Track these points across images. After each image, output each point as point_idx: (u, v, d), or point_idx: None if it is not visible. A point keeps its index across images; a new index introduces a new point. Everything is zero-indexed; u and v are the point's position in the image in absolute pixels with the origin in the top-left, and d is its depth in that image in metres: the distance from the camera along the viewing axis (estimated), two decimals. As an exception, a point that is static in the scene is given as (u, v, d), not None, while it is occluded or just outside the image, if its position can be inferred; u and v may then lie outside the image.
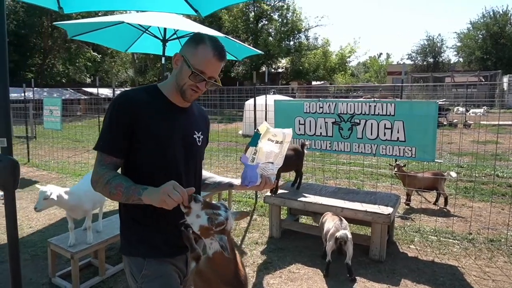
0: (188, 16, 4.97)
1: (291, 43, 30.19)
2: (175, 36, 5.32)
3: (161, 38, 5.13)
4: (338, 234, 3.04)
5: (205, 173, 1.77)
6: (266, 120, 7.08)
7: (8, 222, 1.57)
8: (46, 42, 24.81)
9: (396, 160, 5.13)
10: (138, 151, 1.42)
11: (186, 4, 2.59)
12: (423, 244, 3.92)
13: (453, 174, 4.99)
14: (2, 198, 5.37)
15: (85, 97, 20.65)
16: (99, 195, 3.16)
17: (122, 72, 36.44)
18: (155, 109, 1.42)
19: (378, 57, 58.06)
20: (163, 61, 5.36)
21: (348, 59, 31.84)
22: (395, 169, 5.02)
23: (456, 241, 3.98)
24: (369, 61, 55.83)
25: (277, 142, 1.54)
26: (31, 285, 3.07)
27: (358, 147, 4.33)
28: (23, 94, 9.40)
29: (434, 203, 5.13)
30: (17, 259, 1.61)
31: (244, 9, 28.20)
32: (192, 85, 1.39)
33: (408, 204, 5.09)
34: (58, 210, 4.68)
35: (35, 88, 12.76)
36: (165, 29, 4.93)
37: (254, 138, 1.50)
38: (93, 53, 26.89)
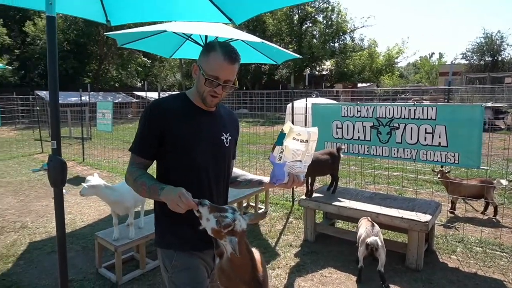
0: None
1: (336, 45, 29.74)
2: (216, 41, 5.52)
3: (202, 44, 5.35)
4: (368, 240, 3.00)
5: (237, 171, 1.88)
6: (305, 123, 7.10)
7: (57, 215, 1.77)
8: (101, 49, 26.53)
9: (442, 166, 4.91)
10: (169, 153, 1.55)
11: (221, 14, 2.72)
12: (466, 255, 3.73)
13: (504, 182, 4.69)
14: (64, 194, 5.90)
15: (136, 100, 21.81)
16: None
17: (170, 76, 37.98)
18: (183, 114, 1.54)
19: (430, 57, 55.38)
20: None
21: (395, 60, 30.61)
22: (438, 175, 4.82)
23: (504, 253, 3.74)
24: (419, 61, 53.37)
25: (302, 140, 1.58)
26: (80, 273, 3.35)
27: (397, 152, 4.23)
28: (80, 98, 10.16)
29: (482, 212, 4.84)
30: (63, 247, 1.79)
31: (288, 12, 28.20)
32: (209, 91, 1.50)
33: (452, 213, 4.85)
34: (107, 206, 5.03)
35: (91, 92, 13.74)
36: (206, 36, 5.13)
37: (280, 138, 1.57)
38: (143, 59, 28.31)
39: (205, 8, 2.69)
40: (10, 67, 18.22)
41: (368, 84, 31.91)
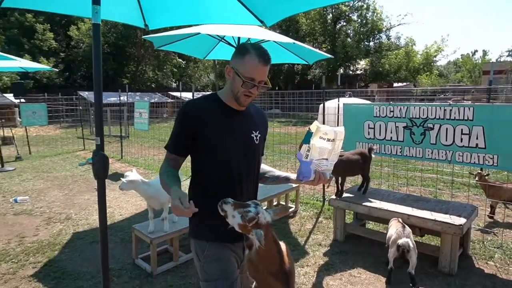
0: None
1: (371, 43, 29.06)
2: (248, 43, 5.62)
3: (235, 45, 5.47)
4: (400, 242, 2.97)
5: (265, 167, 1.95)
6: (338, 123, 7.05)
7: (99, 205, 1.92)
8: (139, 51, 27.54)
9: (481, 169, 4.72)
10: (201, 151, 1.65)
11: (253, 16, 2.80)
12: (504, 261, 3.59)
13: (548, 186, 4.44)
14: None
15: (171, 100, 22.46)
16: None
17: (204, 77, 38.70)
18: (215, 114, 1.63)
19: (473, 55, 52.65)
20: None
21: (434, 59, 29.44)
22: (476, 178, 4.64)
23: (546, 261, 3.56)
24: (461, 59, 50.96)
25: (328, 140, 1.63)
26: (118, 263, 3.56)
27: (432, 153, 4.13)
28: (118, 98, 10.63)
29: (524, 218, 4.62)
30: (105, 235, 1.95)
31: (322, 11, 27.91)
32: (244, 91, 1.59)
33: (491, 217, 4.66)
34: (143, 201, 5.27)
35: (129, 93, 14.33)
36: (238, 37, 5.24)
37: (307, 136, 1.63)
38: (179, 60, 29.07)
39: (237, 11, 2.78)
40: (56, 69, 19.35)
41: (405, 83, 30.92)
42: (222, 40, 5.48)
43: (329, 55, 5.88)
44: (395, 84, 31.40)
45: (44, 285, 3.15)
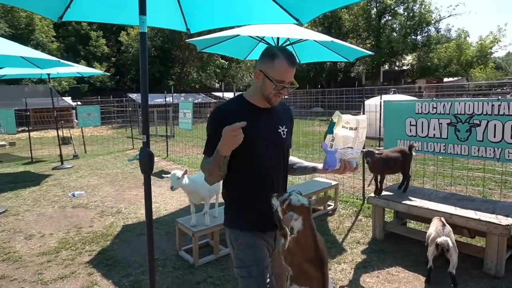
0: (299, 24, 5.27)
1: (418, 37, 27.81)
2: (288, 42, 5.70)
3: (275, 45, 5.56)
4: (438, 240, 2.90)
5: (293, 159, 2.05)
6: (380, 121, 6.90)
7: (146, 197, 2.10)
8: (184, 53, 28.49)
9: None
10: (234, 150, 1.76)
11: (288, 15, 2.87)
12: (560, 265, 3.36)
13: None
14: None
15: (214, 100, 23.02)
16: (216, 185, 3.71)
17: (247, 77, 39.17)
18: (241, 114, 1.73)
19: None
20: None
21: (489, 51, 27.52)
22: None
23: None
24: (521, 50, 47.12)
25: (351, 128, 1.69)
26: (163, 254, 3.79)
27: (478, 150, 3.95)
28: (164, 99, 11.13)
29: None
30: (151, 224, 2.12)
31: (366, 6, 27.16)
32: (276, 93, 1.69)
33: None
34: (187, 197, 5.53)
35: (174, 94, 14.92)
36: (277, 38, 5.33)
37: (330, 126, 1.70)
38: (221, 61, 29.69)
39: (273, 11, 2.87)
40: (108, 74, 20.63)
41: (456, 78, 29.27)
42: (262, 40, 5.60)
43: (369, 52, 5.79)
44: (445, 79, 29.82)
45: (98, 271, 3.45)
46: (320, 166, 1.84)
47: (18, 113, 9.30)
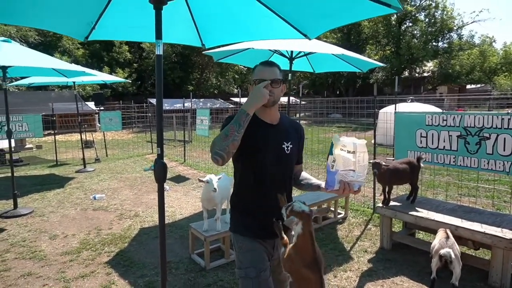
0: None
1: (439, 44, 27.38)
2: (302, 53, 5.85)
3: (288, 57, 5.73)
4: (441, 252, 2.97)
5: (304, 175, 2.19)
6: (395, 131, 6.93)
7: (159, 204, 2.28)
8: (203, 59, 28.98)
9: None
10: (241, 157, 1.93)
11: (296, 31, 3.04)
12: None
13: None
14: (166, 190, 6.84)
15: (232, 106, 23.35)
16: (227, 192, 3.89)
17: (265, 82, 39.48)
18: (250, 129, 1.90)
19: None
20: (289, 77, 5.94)
21: (514, 57, 26.82)
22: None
23: None
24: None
25: (348, 151, 1.77)
26: (177, 257, 3.98)
27: (488, 163, 3.98)
28: (183, 105, 11.43)
29: None
30: (163, 231, 2.30)
31: (385, 12, 26.96)
32: None
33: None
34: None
35: (193, 99, 15.26)
36: (291, 51, 5.50)
37: (331, 148, 1.81)
38: (240, 67, 30.03)
39: (282, 27, 3.03)
40: (129, 80, 21.25)
41: (479, 85, 28.60)
42: (276, 52, 5.77)
43: (381, 64, 5.87)
44: (468, 86, 29.19)
45: (115, 271, 3.67)
46: (324, 184, 1.96)
47: (45, 118, 9.77)
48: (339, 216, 5.14)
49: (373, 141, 5.24)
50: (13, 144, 12.27)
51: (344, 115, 19.97)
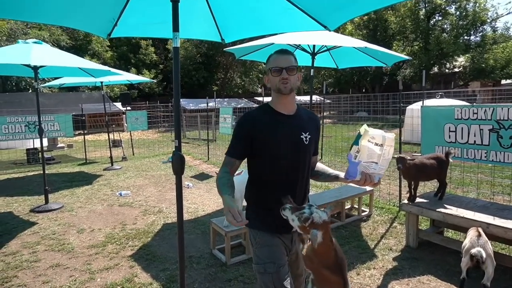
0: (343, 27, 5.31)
1: (471, 37, 26.23)
2: (324, 48, 5.76)
3: (311, 52, 5.65)
4: (472, 251, 2.82)
5: (320, 166, 2.14)
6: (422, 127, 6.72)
7: (177, 195, 2.30)
8: (227, 59, 29.17)
9: None
10: (257, 152, 1.91)
11: (316, 23, 2.97)
12: None
13: None
14: (187, 187, 6.90)
15: (256, 105, 23.36)
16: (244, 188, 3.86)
17: (289, 81, 39.27)
18: (266, 120, 1.88)
19: None
20: (311, 73, 5.86)
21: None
22: None
23: None
24: None
25: (376, 144, 1.73)
26: (199, 252, 4.01)
27: (523, 158, 3.76)
28: (207, 104, 11.54)
29: None
30: (181, 223, 2.32)
31: (413, 7, 26.16)
32: (279, 80, 1.84)
33: None
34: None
35: (217, 99, 15.38)
36: (313, 45, 5.41)
37: (357, 138, 1.76)
38: (264, 66, 30.03)
39: (302, 19, 2.98)
40: (154, 81, 21.70)
41: (515, 80, 27.19)
42: (298, 47, 5.71)
43: (406, 57, 5.68)
44: (503, 81, 27.84)
45: (138, 265, 3.73)
46: (342, 174, 1.91)
47: (75, 118, 10.14)
48: (363, 213, 5.02)
49: (402, 138, 5.13)
50: (46, 143, 12.88)
51: (370, 113, 19.57)
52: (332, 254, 1.80)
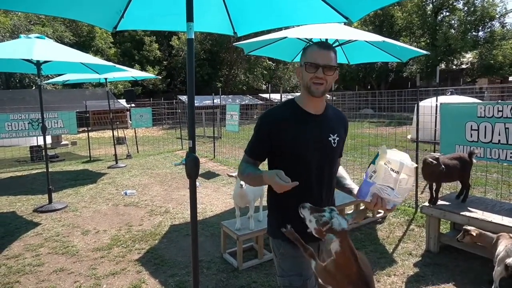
0: (348, 24, 5.08)
1: (480, 33, 25.83)
2: (337, 43, 5.54)
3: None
4: (508, 261, 2.62)
5: (340, 172, 1.95)
6: (435, 125, 6.50)
7: (191, 201, 2.12)
8: (231, 55, 28.95)
9: None
10: (279, 155, 1.72)
11: (337, 14, 2.76)
12: None
13: None
14: (198, 186, 6.75)
15: (261, 102, 23.16)
16: (260, 189, 3.69)
17: (294, 77, 38.95)
18: (291, 120, 1.69)
19: None
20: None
21: None
22: None
23: None
24: None
25: (392, 169, 1.56)
26: (208, 256, 3.83)
27: (552, 159, 3.55)
28: (212, 101, 11.36)
29: None
30: (195, 229, 2.13)
31: (420, 3, 25.79)
32: (312, 78, 1.62)
33: None
34: (232, 199, 5.57)
35: (222, 96, 15.19)
36: (326, 39, 5.19)
37: (375, 157, 1.58)
38: (269, 62, 29.75)
39: (321, 10, 2.77)
40: (159, 77, 21.52)
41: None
42: (310, 42, 5.49)
43: (424, 51, 5.46)
44: (511, 78, 27.44)
45: (146, 270, 3.56)
46: (356, 190, 1.75)
47: (79, 115, 9.99)
48: (378, 215, 4.82)
49: (409, 137, 4.96)
50: (49, 141, 12.75)
51: (376, 110, 19.30)
52: (355, 268, 1.61)
